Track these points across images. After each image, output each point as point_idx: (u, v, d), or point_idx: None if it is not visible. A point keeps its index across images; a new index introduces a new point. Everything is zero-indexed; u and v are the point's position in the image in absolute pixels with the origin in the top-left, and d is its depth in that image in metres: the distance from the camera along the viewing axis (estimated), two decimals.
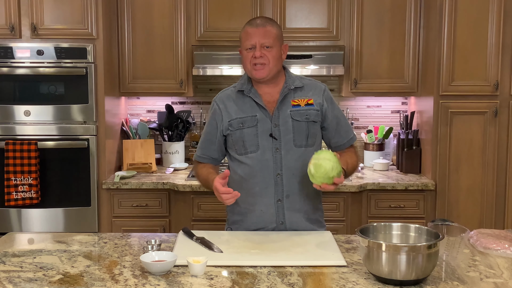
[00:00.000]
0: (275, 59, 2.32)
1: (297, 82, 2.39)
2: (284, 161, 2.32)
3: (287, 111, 2.34)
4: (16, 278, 1.85)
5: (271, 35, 2.31)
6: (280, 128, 2.33)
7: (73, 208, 3.52)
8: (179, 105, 4.16)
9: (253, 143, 2.34)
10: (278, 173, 2.33)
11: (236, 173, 2.40)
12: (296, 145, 2.34)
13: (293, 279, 1.82)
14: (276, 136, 2.33)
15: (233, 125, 2.36)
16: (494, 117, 3.48)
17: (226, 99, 2.41)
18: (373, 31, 3.73)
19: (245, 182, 2.36)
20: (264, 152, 2.33)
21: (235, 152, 2.39)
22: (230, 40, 3.75)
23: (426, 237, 1.89)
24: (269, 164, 2.33)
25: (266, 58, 2.29)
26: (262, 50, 2.29)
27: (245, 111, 2.36)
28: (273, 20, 2.44)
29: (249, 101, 2.37)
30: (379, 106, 4.13)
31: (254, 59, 2.30)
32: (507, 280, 1.82)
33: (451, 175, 3.52)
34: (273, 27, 2.34)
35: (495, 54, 3.43)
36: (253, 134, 2.34)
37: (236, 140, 2.36)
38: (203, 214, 3.50)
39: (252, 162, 2.34)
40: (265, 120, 2.34)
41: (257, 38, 2.30)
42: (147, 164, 3.80)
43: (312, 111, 2.36)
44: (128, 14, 3.74)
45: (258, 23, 2.33)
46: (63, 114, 3.49)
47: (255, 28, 2.31)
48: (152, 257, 1.90)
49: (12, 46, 3.44)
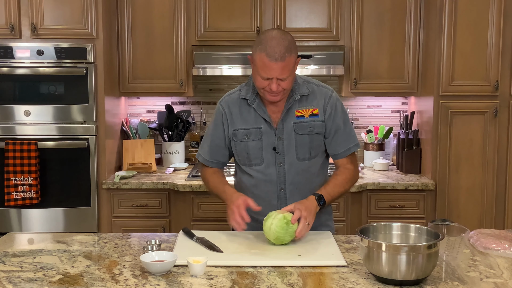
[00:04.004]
0: (289, 86, 2.20)
1: (303, 90, 2.30)
2: (287, 176, 2.30)
3: (291, 123, 2.28)
4: (16, 278, 1.85)
5: (289, 67, 2.14)
6: (283, 142, 2.29)
7: (73, 208, 3.52)
8: (179, 105, 4.16)
9: (258, 156, 2.30)
10: (281, 187, 2.31)
11: (242, 181, 2.39)
12: (299, 159, 2.30)
13: (293, 279, 1.82)
14: (279, 150, 2.29)
15: (238, 135, 2.31)
16: (494, 117, 3.47)
17: (232, 104, 2.34)
18: (373, 31, 3.73)
19: (250, 191, 2.33)
20: (268, 166, 2.30)
21: (239, 162, 2.37)
22: (230, 40, 3.75)
23: (426, 237, 1.89)
24: (273, 179, 2.30)
25: (281, 89, 2.17)
26: (278, 82, 2.15)
27: (250, 122, 2.30)
28: (291, 43, 2.15)
29: (254, 111, 2.30)
30: (379, 106, 4.13)
31: (270, 90, 2.17)
32: (507, 280, 1.82)
33: (451, 175, 3.52)
34: (291, 55, 2.13)
35: (495, 54, 3.43)
36: (258, 147, 2.30)
37: (240, 151, 2.33)
38: (203, 214, 3.50)
39: (256, 175, 2.32)
40: (270, 132, 2.29)
41: (274, 73, 2.12)
42: (147, 164, 3.80)
43: (316, 123, 2.29)
44: (128, 14, 3.74)
45: (277, 56, 2.10)
46: (63, 114, 3.48)
47: (274, 62, 2.10)
48: (152, 257, 1.89)
49: (12, 46, 3.44)
